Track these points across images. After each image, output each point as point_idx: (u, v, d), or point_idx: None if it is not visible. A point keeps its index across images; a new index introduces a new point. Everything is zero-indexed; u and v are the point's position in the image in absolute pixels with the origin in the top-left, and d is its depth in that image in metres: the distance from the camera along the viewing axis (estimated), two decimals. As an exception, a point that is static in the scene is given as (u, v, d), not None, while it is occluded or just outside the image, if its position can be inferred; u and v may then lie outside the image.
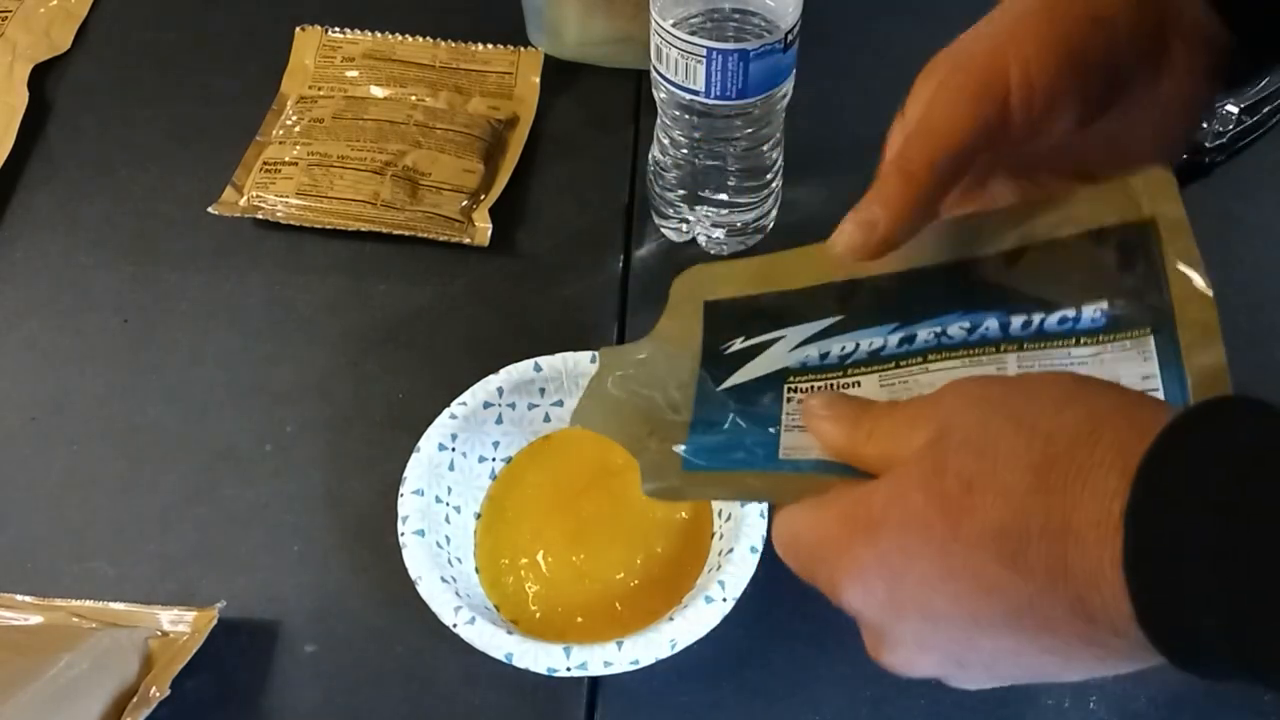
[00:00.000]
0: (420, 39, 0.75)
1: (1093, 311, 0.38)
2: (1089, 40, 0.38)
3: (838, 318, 0.42)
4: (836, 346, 0.41)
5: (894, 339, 0.40)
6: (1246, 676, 0.27)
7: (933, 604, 0.32)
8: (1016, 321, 0.39)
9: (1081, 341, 0.38)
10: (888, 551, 0.33)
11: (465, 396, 0.54)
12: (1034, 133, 0.38)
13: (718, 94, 0.57)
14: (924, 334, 0.40)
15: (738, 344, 0.43)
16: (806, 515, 0.36)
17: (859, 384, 0.40)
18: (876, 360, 0.40)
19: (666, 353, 0.44)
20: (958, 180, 0.38)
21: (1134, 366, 0.37)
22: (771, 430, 0.40)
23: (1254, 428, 0.28)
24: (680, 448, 0.40)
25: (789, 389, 0.41)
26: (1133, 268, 0.38)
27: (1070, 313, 0.39)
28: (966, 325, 0.39)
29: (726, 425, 0.41)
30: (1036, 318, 0.39)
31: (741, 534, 0.48)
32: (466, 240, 0.65)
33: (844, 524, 0.34)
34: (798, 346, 0.42)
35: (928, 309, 0.40)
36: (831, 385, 0.40)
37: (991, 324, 0.39)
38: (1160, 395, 0.36)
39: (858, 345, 0.41)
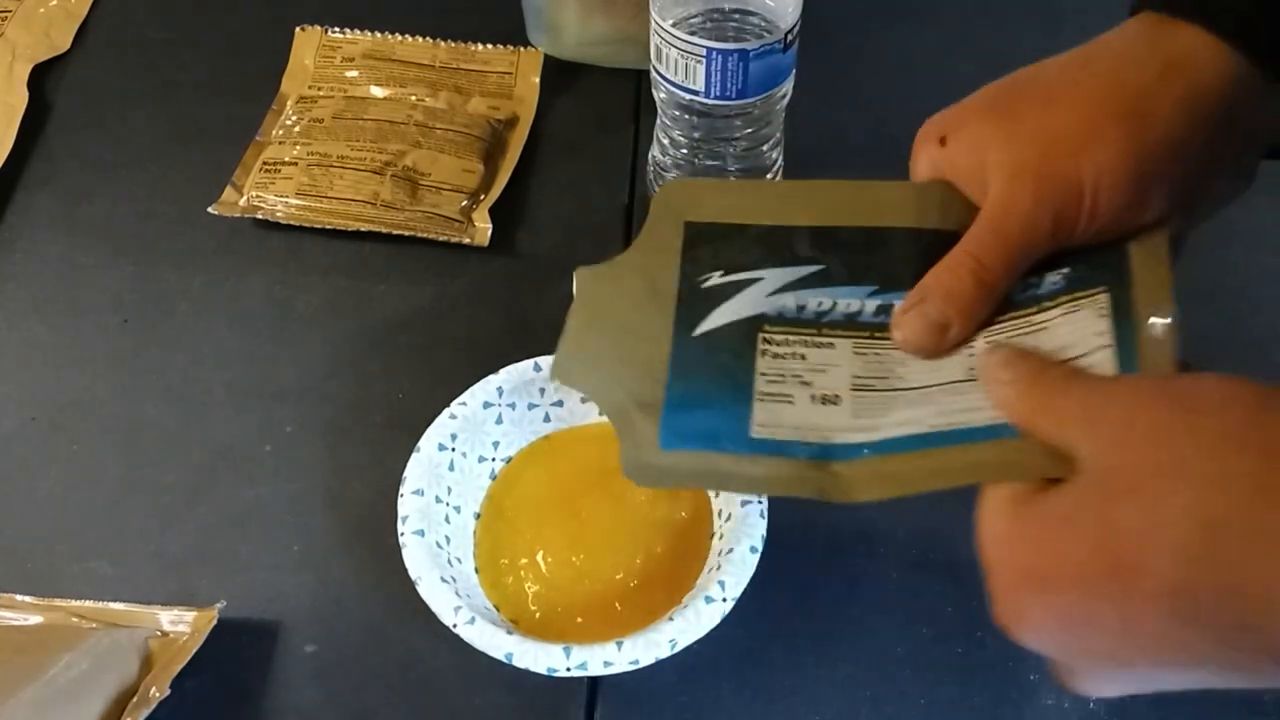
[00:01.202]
0: (420, 39, 0.75)
1: (1054, 276, 0.39)
2: (1162, 167, 0.37)
3: (818, 267, 0.42)
4: (814, 301, 0.41)
5: (871, 305, 0.41)
6: None
7: (1117, 653, 0.32)
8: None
9: (1044, 307, 0.39)
10: (1065, 606, 0.32)
11: (465, 396, 0.54)
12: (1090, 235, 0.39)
13: (717, 94, 0.57)
14: (899, 305, 0.40)
15: (715, 278, 0.42)
16: (990, 537, 0.35)
17: (833, 345, 0.40)
18: (852, 325, 0.41)
19: (643, 278, 0.43)
20: (1026, 268, 0.38)
21: (1089, 324, 0.38)
22: (744, 399, 0.40)
23: None
24: (656, 419, 0.40)
25: (764, 340, 0.41)
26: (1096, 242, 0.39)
27: (1032, 279, 0.39)
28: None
29: (701, 386, 0.41)
30: None
31: (742, 534, 0.48)
32: (466, 240, 0.65)
33: (1021, 574, 0.33)
34: (775, 292, 0.42)
35: (904, 279, 0.41)
36: (806, 342, 0.40)
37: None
38: (1111, 350, 0.36)
39: (835, 304, 0.41)
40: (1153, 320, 0.37)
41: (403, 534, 0.50)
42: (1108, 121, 0.37)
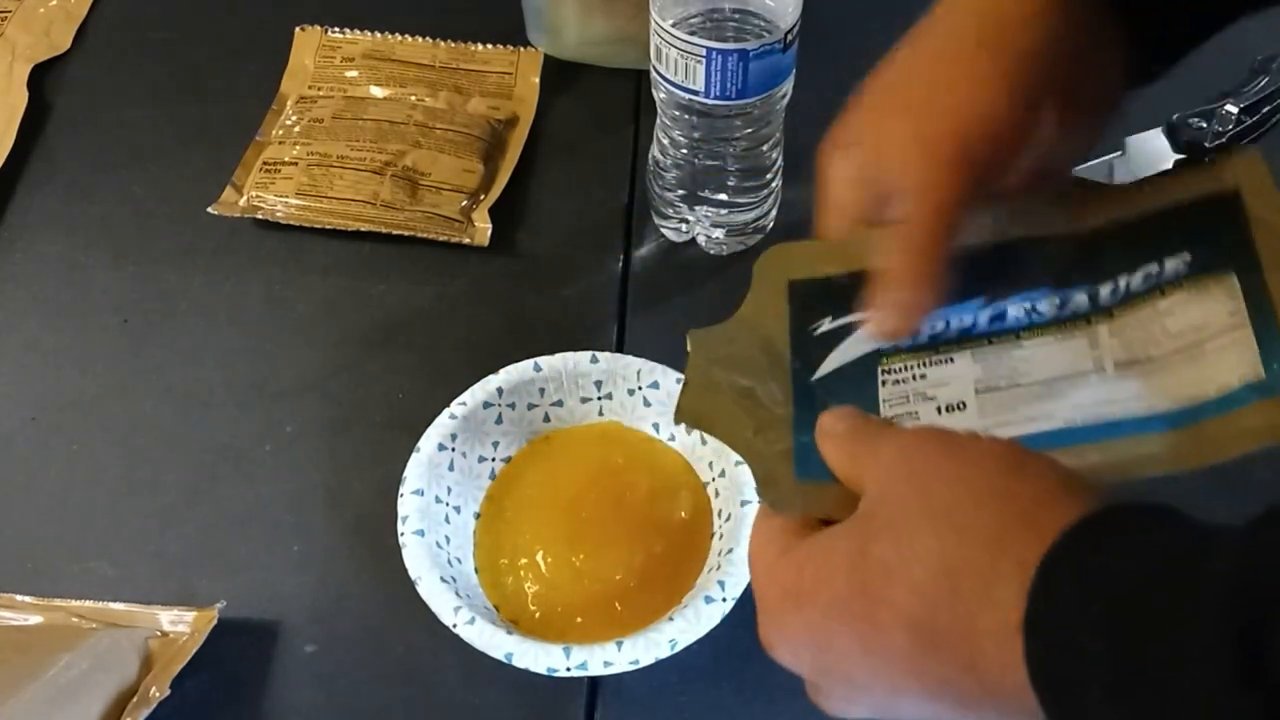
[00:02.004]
0: (420, 39, 0.75)
1: (1175, 263, 0.39)
2: (1031, 72, 0.39)
3: None
4: (926, 325, 0.41)
5: (984, 316, 0.41)
6: None
7: (855, 675, 0.35)
8: (1104, 291, 0.40)
9: (1166, 292, 0.39)
10: (813, 623, 0.35)
11: (465, 396, 0.54)
12: (1014, 161, 0.40)
13: (717, 94, 0.57)
14: (1014, 310, 0.41)
15: (825, 324, 0.43)
16: (760, 563, 0.37)
17: (952, 360, 0.41)
18: (969, 338, 0.41)
19: (756, 335, 0.43)
20: (961, 230, 0.39)
21: (1219, 305, 0.38)
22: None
23: (1142, 539, 0.29)
24: (787, 451, 0.40)
25: (883, 372, 0.41)
26: (1217, 224, 0.39)
27: (1154, 268, 0.39)
28: (1057, 301, 0.40)
29: None
30: (1123, 282, 0.39)
31: (741, 534, 0.48)
32: (466, 240, 0.65)
33: (781, 593, 0.36)
34: None
35: (1015, 284, 0.41)
36: (925, 363, 0.41)
37: (1080, 298, 0.40)
38: (1248, 330, 0.37)
39: (948, 323, 0.41)
40: None
41: (403, 534, 0.50)
42: (967, 55, 0.39)
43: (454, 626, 0.47)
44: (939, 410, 0.40)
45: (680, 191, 0.64)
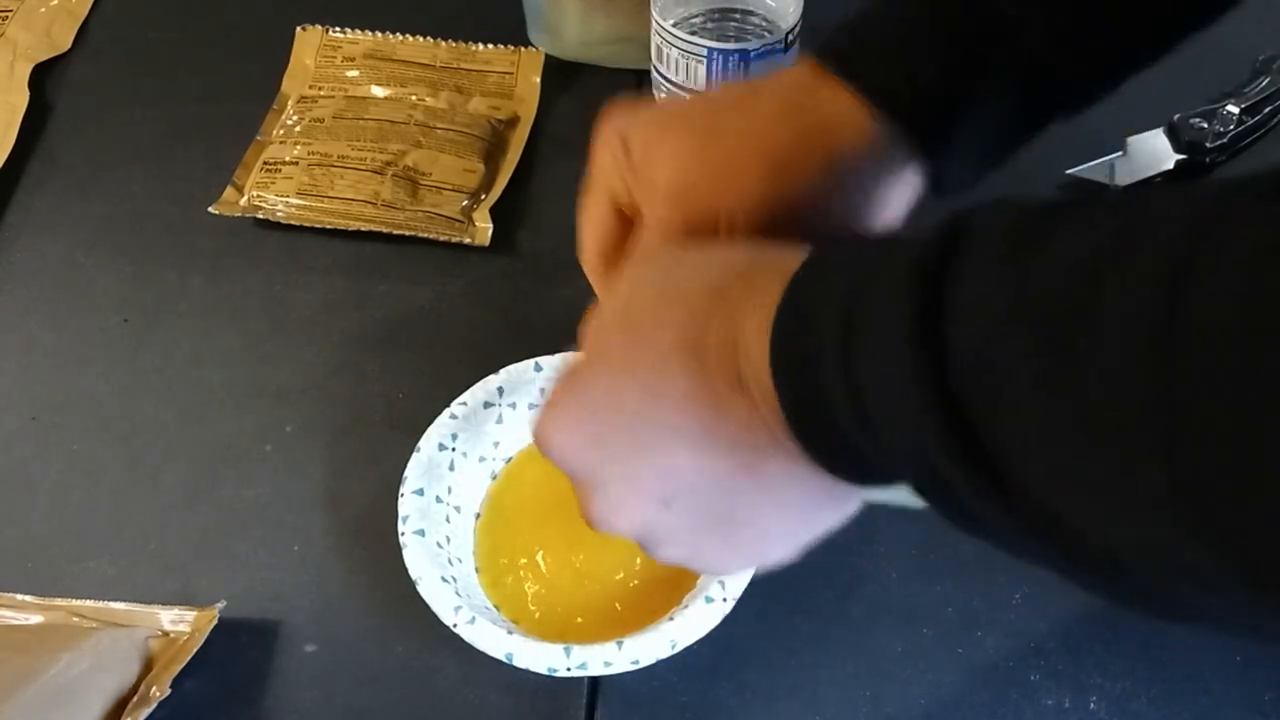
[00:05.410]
0: (421, 39, 0.75)
1: None
2: (795, 215, 0.40)
3: None
4: None
5: None
6: (894, 474, 0.31)
7: (634, 433, 0.35)
8: None
9: None
10: (586, 391, 0.36)
11: (465, 396, 0.54)
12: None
13: (718, 94, 0.57)
14: None
15: None
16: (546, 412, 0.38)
17: None
18: None
19: None
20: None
21: None
22: None
23: (881, 241, 0.32)
24: None
25: None
26: None
27: None
28: None
29: None
30: None
31: (741, 534, 0.48)
32: (467, 240, 0.65)
33: (553, 388, 0.38)
34: None
35: None
36: None
37: None
38: None
39: None
40: None
41: (403, 534, 0.50)
42: (753, 170, 0.40)
43: (454, 626, 0.47)
44: None
45: (681, 191, 0.63)
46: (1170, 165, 0.66)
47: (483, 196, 0.67)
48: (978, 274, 0.27)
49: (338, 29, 0.76)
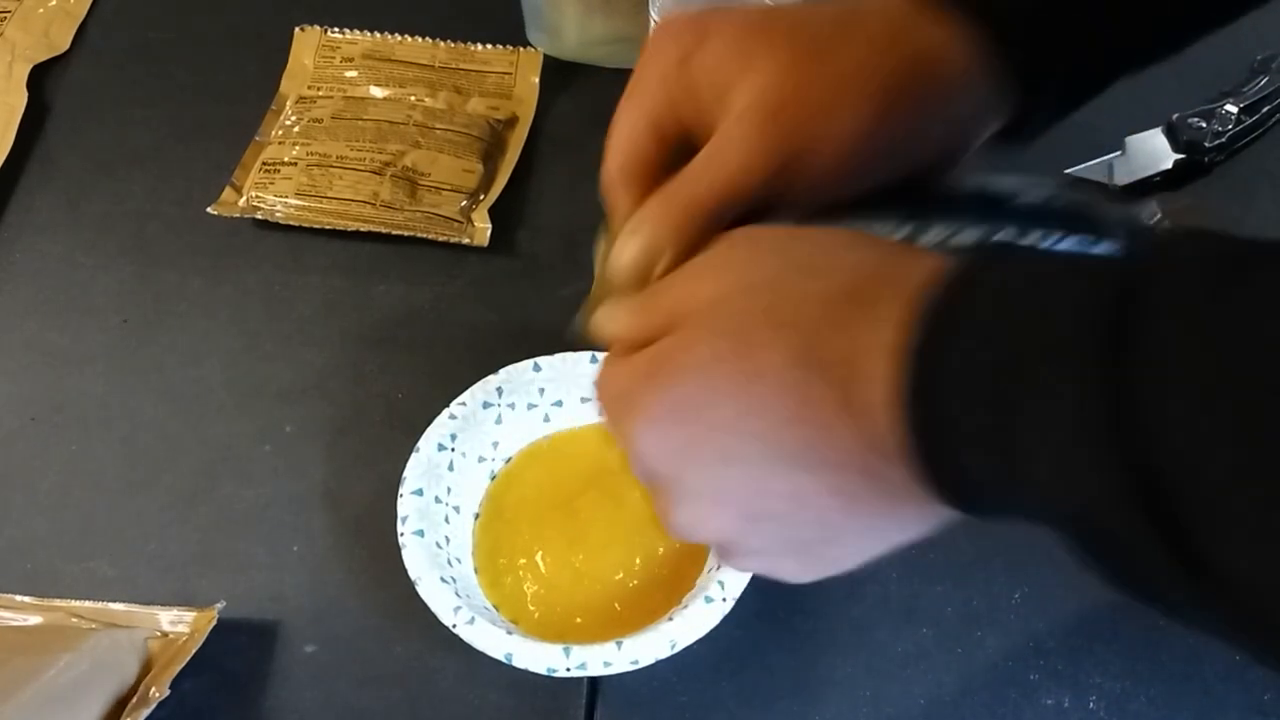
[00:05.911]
0: (420, 39, 0.75)
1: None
2: (894, 147, 0.37)
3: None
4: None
5: (903, 231, 0.40)
6: (1015, 513, 0.29)
7: (727, 446, 0.33)
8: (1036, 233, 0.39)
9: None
10: (681, 398, 0.33)
11: (465, 396, 0.54)
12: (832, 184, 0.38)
13: (717, 94, 0.57)
14: (934, 232, 0.39)
15: None
16: (606, 371, 0.36)
17: None
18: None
19: None
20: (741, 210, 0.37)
21: None
22: None
23: (1035, 272, 0.29)
24: None
25: None
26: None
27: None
28: (978, 234, 0.39)
29: None
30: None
31: (741, 534, 0.48)
32: (466, 240, 0.65)
33: (636, 377, 0.34)
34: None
35: (944, 214, 0.40)
36: None
37: (1010, 232, 0.39)
38: None
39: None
40: None
41: (402, 534, 0.50)
42: (860, 95, 0.36)
43: (454, 626, 0.47)
44: None
45: (680, 191, 0.63)
46: (1169, 165, 0.66)
47: (481, 197, 0.67)
48: (1169, 341, 0.25)
49: (336, 29, 0.76)
